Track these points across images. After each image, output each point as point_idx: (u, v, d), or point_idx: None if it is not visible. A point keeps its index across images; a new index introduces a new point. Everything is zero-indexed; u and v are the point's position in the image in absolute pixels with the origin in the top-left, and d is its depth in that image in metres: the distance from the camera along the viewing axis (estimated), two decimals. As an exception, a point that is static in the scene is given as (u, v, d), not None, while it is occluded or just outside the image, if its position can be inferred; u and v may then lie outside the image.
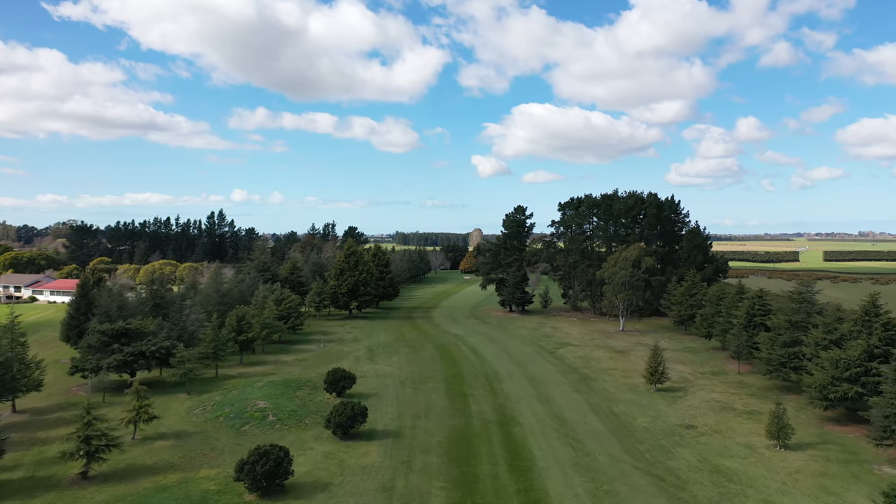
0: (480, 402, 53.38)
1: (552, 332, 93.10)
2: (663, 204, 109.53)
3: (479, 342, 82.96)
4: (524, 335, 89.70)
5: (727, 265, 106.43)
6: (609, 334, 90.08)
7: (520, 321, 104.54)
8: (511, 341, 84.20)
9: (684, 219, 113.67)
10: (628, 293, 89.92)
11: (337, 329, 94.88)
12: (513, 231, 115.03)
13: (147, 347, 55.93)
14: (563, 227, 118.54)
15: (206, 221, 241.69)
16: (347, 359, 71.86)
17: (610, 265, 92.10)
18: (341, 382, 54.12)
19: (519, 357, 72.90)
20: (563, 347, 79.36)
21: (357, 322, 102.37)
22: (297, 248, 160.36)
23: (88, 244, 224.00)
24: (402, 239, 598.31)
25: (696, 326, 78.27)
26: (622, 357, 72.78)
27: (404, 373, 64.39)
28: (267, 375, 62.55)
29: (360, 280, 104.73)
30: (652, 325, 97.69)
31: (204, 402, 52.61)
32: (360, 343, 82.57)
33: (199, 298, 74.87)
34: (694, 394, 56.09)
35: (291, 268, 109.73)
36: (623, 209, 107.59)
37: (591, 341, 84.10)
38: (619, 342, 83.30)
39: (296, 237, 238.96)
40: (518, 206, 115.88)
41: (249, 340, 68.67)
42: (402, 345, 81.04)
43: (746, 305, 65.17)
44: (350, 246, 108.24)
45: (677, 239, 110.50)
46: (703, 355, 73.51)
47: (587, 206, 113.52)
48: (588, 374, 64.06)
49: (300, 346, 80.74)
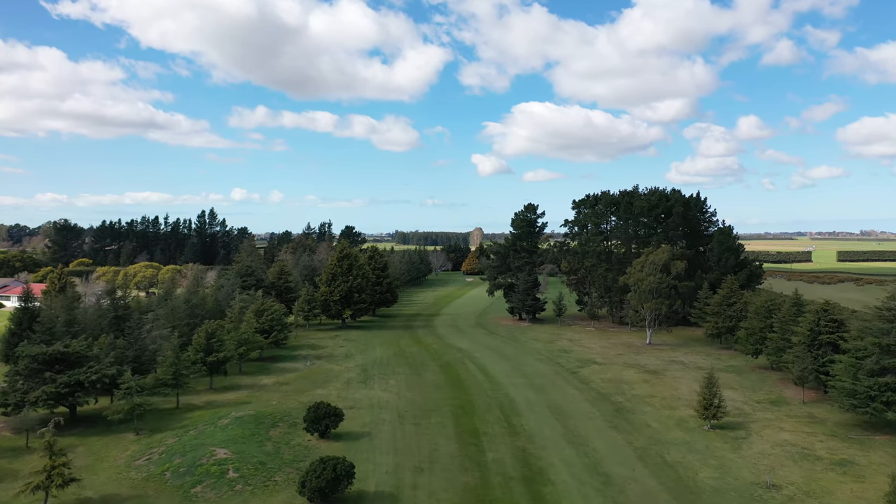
0: (497, 446, 42.89)
1: (570, 345, 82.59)
2: (689, 201, 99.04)
3: (488, 359, 72.46)
4: (538, 349, 79.20)
5: (762, 269, 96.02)
6: (635, 349, 79.57)
7: (531, 332, 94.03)
8: (525, 358, 73.70)
9: (711, 217, 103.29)
10: (656, 302, 79.42)
11: (328, 342, 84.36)
12: (522, 231, 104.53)
13: (86, 376, 45.40)
14: (577, 227, 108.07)
15: (197, 221, 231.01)
16: (337, 381, 61.40)
17: (635, 270, 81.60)
18: (325, 420, 43.66)
19: (537, 379, 62.42)
20: (586, 366, 68.86)
21: (351, 333, 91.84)
22: (289, 250, 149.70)
23: (72, 244, 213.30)
24: (402, 238, 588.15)
25: (741, 342, 67.76)
26: (657, 380, 62.27)
27: (403, 402, 53.88)
28: (238, 406, 52.09)
29: (355, 286, 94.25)
30: (681, 336, 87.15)
31: (153, 445, 42.09)
32: (352, 360, 72.09)
33: (163, 311, 64.24)
34: (759, 433, 45.58)
35: (278, 272, 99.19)
36: (645, 207, 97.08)
37: (616, 358, 73.59)
38: (649, 359, 72.80)
39: (290, 237, 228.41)
40: (528, 205, 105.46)
41: (221, 361, 58.16)
42: (400, 362, 70.54)
43: (810, 320, 54.67)
44: (343, 248, 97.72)
45: (704, 240, 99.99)
46: (752, 377, 63.02)
47: (605, 204, 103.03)
48: (623, 404, 53.55)
49: (284, 363, 70.28)
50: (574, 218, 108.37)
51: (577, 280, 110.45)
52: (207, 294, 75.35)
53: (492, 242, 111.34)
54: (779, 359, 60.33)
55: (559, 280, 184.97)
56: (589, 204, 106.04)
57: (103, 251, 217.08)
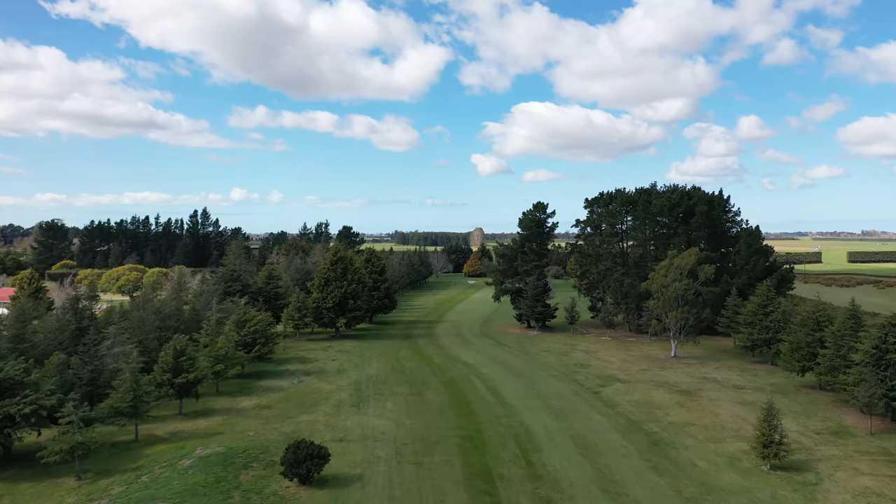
0: (517, 496, 35.06)
1: (586, 358, 74.80)
2: (714, 200, 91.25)
3: (497, 375, 64.65)
4: (552, 363, 71.42)
5: (793, 274, 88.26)
6: (659, 363, 71.76)
7: (542, 341, 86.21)
8: (538, 374, 65.90)
9: (734, 217, 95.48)
10: (683, 311, 71.62)
11: (319, 354, 76.57)
12: (531, 232, 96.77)
13: (17, 409, 37.56)
14: (589, 228, 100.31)
15: (189, 221, 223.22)
16: (326, 404, 53.62)
17: (659, 275, 73.79)
18: (307, 463, 35.83)
19: (555, 401, 54.61)
20: (609, 384, 61.05)
21: (345, 343, 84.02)
22: (282, 252, 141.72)
23: (58, 245, 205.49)
24: (402, 238, 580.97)
25: (784, 358, 59.94)
26: (693, 402, 54.45)
27: (402, 431, 46.08)
28: (208, 437, 44.35)
29: (349, 292, 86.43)
30: (708, 348, 79.29)
31: (94, 496, 34.26)
32: (345, 376, 64.31)
33: (127, 323, 56.38)
34: (832, 476, 37.76)
35: (267, 276, 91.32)
36: (666, 206, 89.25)
37: (640, 374, 65.78)
38: (678, 376, 65.00)
39: (286, 238, 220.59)
40: (538, 203, 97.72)
41: (191, 383, 50.31)
42: (399, 380, 62.75)
43: (875, 336, 46.87)
44: (337, 250, 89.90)
45: (728, 241, 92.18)
46: (801, 400, 55.21)
47: (620, 203, 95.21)
48: (659, 435, 45.75)
49: (268, 380, 62.53)
50: (586, 218, 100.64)
51: (589, 284, 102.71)
52: (190, 300, 67.45)
53: (497, 244, 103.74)
54: (833, 379, 52.52)
55: (564, 282, 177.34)
56: (603, 203, 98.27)
57: (91, 252, 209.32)
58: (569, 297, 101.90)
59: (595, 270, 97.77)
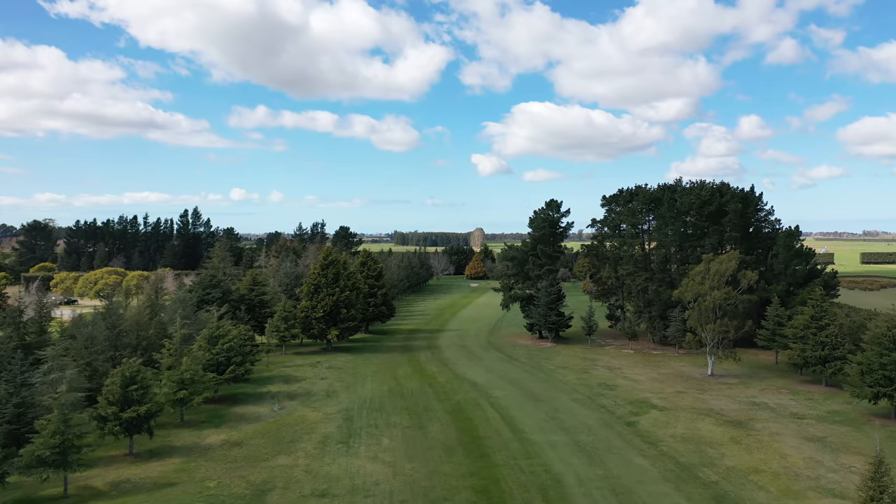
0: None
1: (610, 376, 65.76)
2: (748, 197, 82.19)
3: (512, 400, 55.54)
4: (573, 383, 62.39)
5: (837, 280, 79.20)
6: (696, 383, 62.68)
7: (558, 355, 77.17)
8: (559, 398, 56.79)
9: (767, 216, 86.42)
10: (722, 323, 62.57)
11: (306, 371, 67.55)
12: (544, 233, 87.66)
13: None
14: (607, 228, 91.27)
15: (179, 221, 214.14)
16: (309, 440, 44.57)
17: (694, 282, 64.72)
18: (272, 543, 26.75)
19: (583, 436, 45.55)
20: (643, 412, 51.97)
21: (337, 358, 74.94)
22: (272, 253, 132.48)
23: (41, 246, 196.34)
24: (401, 239, 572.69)
25: (851, 381, 50.85)
26: (750, 438, 45.34)
27: (400, 481, 36.99)
28: (158, 490, 35.33)
29: (342, 300, 77.34)
30: (746, 363, 70.11)
31: None
32: (334, 401, 55.26)
33: (71, 343, 47.24)
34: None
35: (251, 282, 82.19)
36: (695, 204, 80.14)
37: (677, 398, 56.68)
38: (722, 400, 55.92)
39: (280, 238, 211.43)
40: (551, 201, 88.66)
41: (144, 417, 41.22)
42: (397, 405, 53.68)
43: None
44: (328, 252, 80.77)
45: (764, 243, 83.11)
46: (881, 434, 46.08)
47: (642, 201, 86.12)
48: (720, 486, 36.64)
49: (244, 406, 53.53)
50: (604, 217, 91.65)
51: (606, 290, 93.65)
52: (144, 315, 58.30)
53: (505, 245, 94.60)
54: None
55: (572, 285, 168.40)
56: (622, 200, 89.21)
57: (76, 254, 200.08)
58: (581, 304, 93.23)
59: (614, 275, 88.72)
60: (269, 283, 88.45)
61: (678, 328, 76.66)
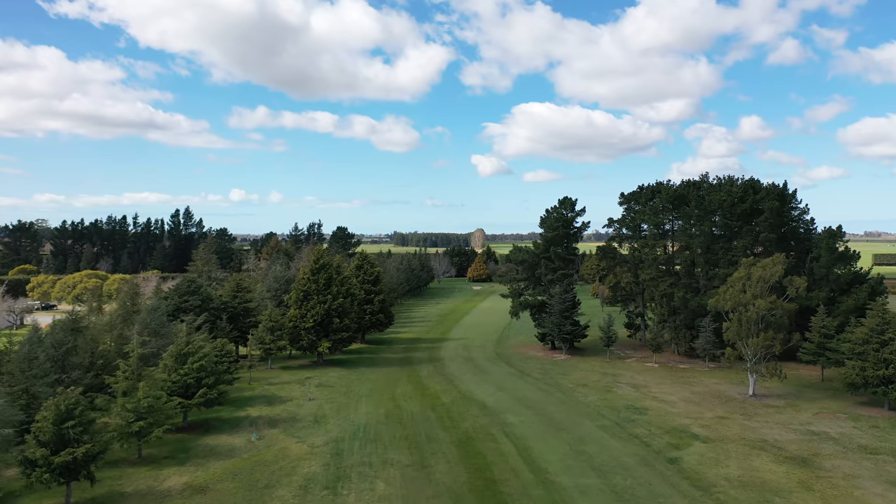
0: None
1: (636, 396, 57.97)
2: (784, 195, 74.40)
3: (529, 429, 47.68)
4: (596, 405, 54.61)
5: (884, 286, 71.35)
6: (738, 406, 54.80)
7: (575, 370, 69.44)
8: (583, 424, 48.96)
9: (801, 215, 78.64)
10: (767, 337, 54.78)
11: (293, 390, 59.78)
12: (557, 233, 79.95)
13: None
14: (625, 229, 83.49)
15: (170, 221, 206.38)
16: (289, 484, 36.76)
17: (733, 290, 56.92)
18: None
19: (618, 477, 37.71)
20: (686, 444, 44.13)
21: (328, 373, 67.16)
22: (263, 256, 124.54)
23: (26, 247, 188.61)
24: (401, 240, 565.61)
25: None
26: (822, 481, 37.50)
27: (398, 548, 29.19)
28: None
29: (335, 308, 69.58)
30: (790, 381, 62.22)
31: None
32: (322, 429, 47.49)
33: (8, 365, 39.39)
34: None
35: (234, 288, 74.37)
36: (726, 202, 72.33)
37: (720, 425, 48.81)
38: (774, 428, 48.07)
39: (274, 239, 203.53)
40: (564, 199, 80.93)
41: (82, 461, 33.39)
42: (395, 435, 45.85)
43: None
44: (320, 255, 72.95)
45: (802, 244, 75.35)
46: (973, 475, 38.29)
47: (665, 199, 78.30)
48: (805, 556, 28.81)
49: (216, 436, 45.76)
50: (622, 216, 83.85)
51: (624, 296, 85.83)
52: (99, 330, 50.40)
53: (513, 245, 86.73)
54: None
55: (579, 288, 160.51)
56: (643, 198, 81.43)
57: (63, 255, 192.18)
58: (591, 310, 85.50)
59: (633, 280, 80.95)
60: (256, 289, 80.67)
61: (708, 340, 68.95)
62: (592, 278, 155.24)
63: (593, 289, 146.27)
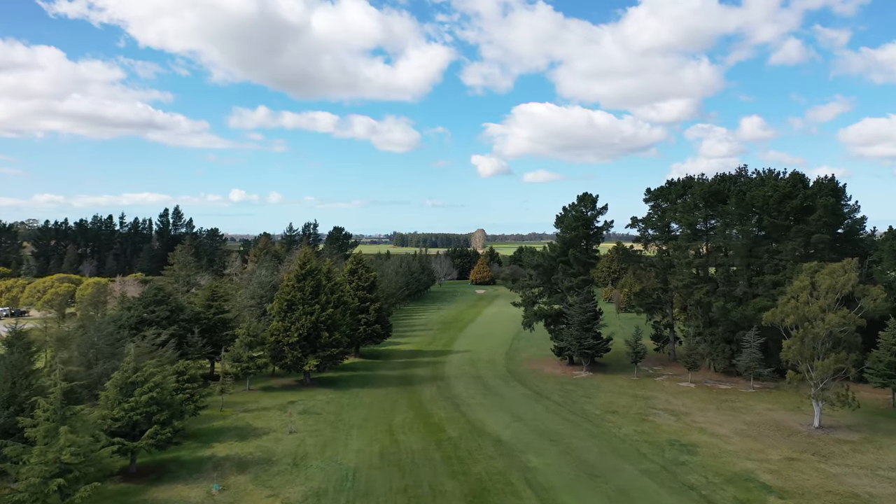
0: None
1: (679, 427, 48.84)
2: (838, 190, 65.30)
3: (557, 477, 38.42)
4: (633, 439, 45.51)
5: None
6: (805, 441, 45.63)
7: (599, 391, 60.36)
8: (624, 470, 39.74)
9: (853, 213, 69.47)
10: (838, 356, 45.64)
11: (272, 419, 50.59)
12: (577, 234, 70.89)
13: None
14: (652, 230, 74.41)
15: (159, 221, 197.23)
16: (249, 566, 27.53)
17: (796, 302, 47.76)
18: None
19: (685, 557, 28.55)
20: (756, 501, 34.95)
21: (315, 396, 57.99)
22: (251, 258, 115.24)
23: (5, 248, 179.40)
24: (400, 240, 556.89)
25: None
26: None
27: None
28: None
29: (324, 320, 60.45)
30: (862, 409, 52.92)
31: None
32: (302, 475, 38.30)
33: None
34: None
35: (209, 296, 65.20)
36: (772, 198, 63.18)
37: (792, 470, 39.63)
38: (859, 474, 38.93)
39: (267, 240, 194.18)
40: (584, 194, 71.93)
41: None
42: (391, 487, 36.65)
43: None
44: (307, 259, 63.77)
45: (858, 247, 66.24)
46: None
47: (699, 196, 69.13)
48: None
49: (170, 486, 36.57)
50: (647, 215, 74.77)
51: (650, 304, 76.67)
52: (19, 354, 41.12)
53: (529, 247, 77.72)
54: None
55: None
56: (673, 195, 72.33)
57: (45, 257, 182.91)
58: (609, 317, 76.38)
59: (661, 286, 71.84)
60: (236, 296, 71.52)
61: (753, 357, 59.88)
62: (604, 281, 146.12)
63: (605, 293, 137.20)
